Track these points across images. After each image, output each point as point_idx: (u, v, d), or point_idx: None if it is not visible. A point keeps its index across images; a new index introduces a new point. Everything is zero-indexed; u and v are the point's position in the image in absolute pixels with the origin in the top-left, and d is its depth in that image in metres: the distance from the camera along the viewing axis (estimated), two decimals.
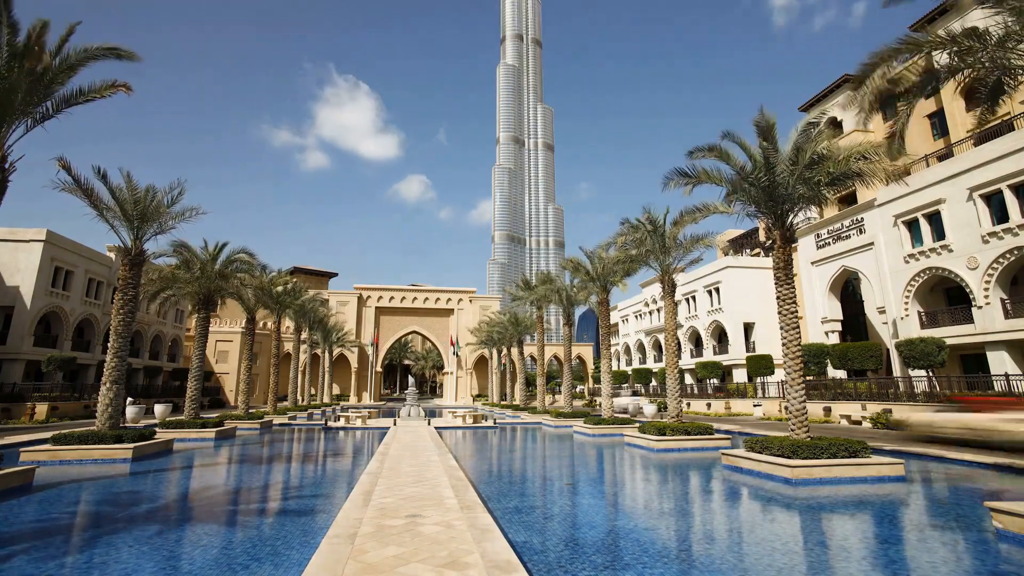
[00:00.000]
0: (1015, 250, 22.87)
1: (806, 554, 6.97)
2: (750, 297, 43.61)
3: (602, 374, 26.90)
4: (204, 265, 23.88)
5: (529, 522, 8.44)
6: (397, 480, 10.32)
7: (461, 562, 5.46)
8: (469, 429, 27.41)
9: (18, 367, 33.59)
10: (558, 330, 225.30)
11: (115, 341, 16.66)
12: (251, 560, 6.37)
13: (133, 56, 13.40)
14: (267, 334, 60.87)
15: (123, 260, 17.54)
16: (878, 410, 24.60)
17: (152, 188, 17.84)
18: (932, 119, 34.63)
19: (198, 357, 23.68)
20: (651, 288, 56.57)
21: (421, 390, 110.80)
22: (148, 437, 16.31)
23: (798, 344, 13.99)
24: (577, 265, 28.67)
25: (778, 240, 14.42)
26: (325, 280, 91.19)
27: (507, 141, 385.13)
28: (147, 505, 9.91)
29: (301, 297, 38.37)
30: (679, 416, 20.49)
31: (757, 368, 36.93)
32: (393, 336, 71.67)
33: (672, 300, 22.43)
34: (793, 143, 13.96)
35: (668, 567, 6.25)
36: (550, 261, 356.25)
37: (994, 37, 9.33)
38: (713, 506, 10.55)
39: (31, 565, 6.17)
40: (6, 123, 11.73)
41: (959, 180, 25.37)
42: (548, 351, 73.67)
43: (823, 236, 35.16)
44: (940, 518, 9.07)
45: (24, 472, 11.11)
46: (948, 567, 6.39)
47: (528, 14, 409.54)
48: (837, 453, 11.94)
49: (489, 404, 53.94)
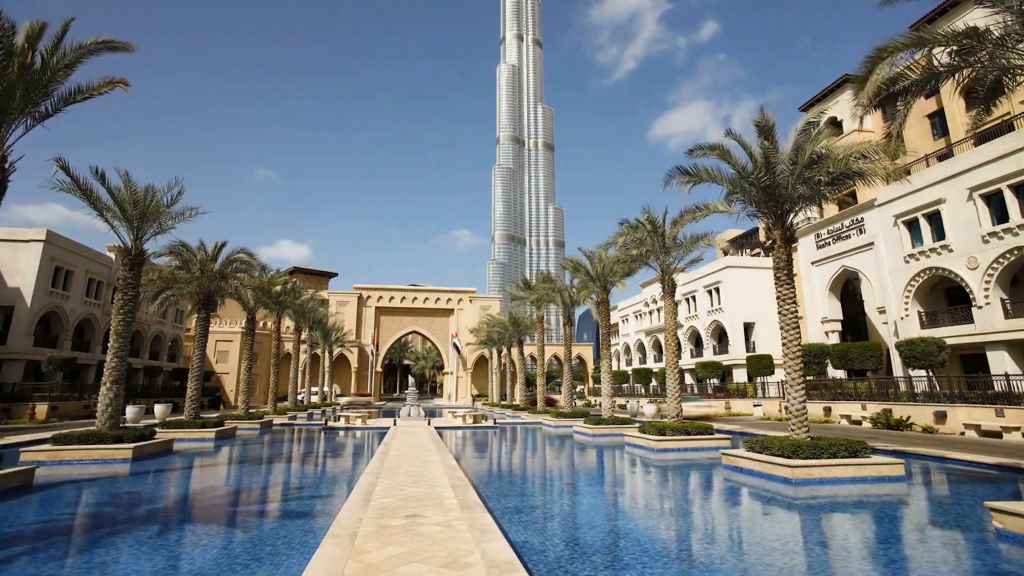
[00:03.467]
0: (1015, 250, 22.86)
1: (806, 554, 6.96)
2: (750, 297, 43.61)
3: (602, 374, 26.89)
4: (204, 265, 23.87)
5: (529, 522, 8.44)
6: (397, 480, 10.32)
7: (461, 562, 5.46)
8: (469, 429, 27.41)
9: (18, 367, 33.58)
10: (558, 330, 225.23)
11: (115, 341, 16.65)
12: (251, 560, 6.37)
13: (128, 46, 13.29)
14: (267, 334, 60.87)
15: (123, 260, 17.53)
16: (878, 410, 24.60)
17: (151, 188, 17.82)
18: (932, 119, 34.62)
19: (198, 357, 23.67)
20: (651, 288, 56.57)
21: (421, 390, 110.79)
22: (148, 437, 16.31)
23: (798, 344, 13.99)
24: (577, 265, 28.66)
25: (778, 240, 14.42)
26: (325, 280, 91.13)
27: (507, 141, 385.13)
28: (147, 505, 9.91)
29: (301, 297, 38.36)
30: (679, 416, 20.49)
31: (757, 368, 36.94)
32: (393, 336, 71.66)
33: (672, 300, 22.42)
34: (793, 142, 13.96)
35: (668, 567, 6.25)
36: (550, 261, 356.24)
37: (994, 36, 9.34)
38: (713, 506, 10.54)
39: (31, 565, 6.17)
40: (5, 123, 11.73)
41: (959, 180, 25.36)
42: (548, 351, 73.65)
43: (823, 236, 35.16)
44: (940, 518, 9.07)
45: (24, 472, 11.11)
46: (948, 567, 6.38)
47: (528, 14, 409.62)
48: (837, 453, 11.94)
49: (489, 404, 53.92)
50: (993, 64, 9.44)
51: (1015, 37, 9.03)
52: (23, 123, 12.24)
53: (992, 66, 9.48)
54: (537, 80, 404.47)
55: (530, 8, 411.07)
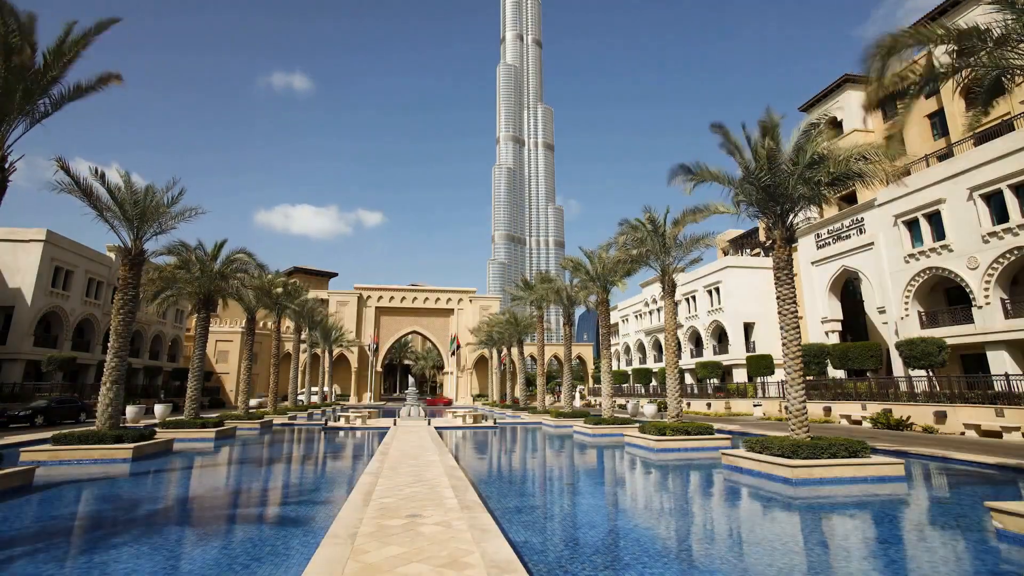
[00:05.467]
0: (1015, 250, 22.86)
1: (806, 554, 6.96)
2: (750, 297, 43.60)
3: (602, 374, 26.88)
4: (204, 265, 23.87)
5: (529, 522, 8.44)
6: (397, 480, 10.32)
7: (461, 562, 5.45)
8: (469, 429, 27.41)
9: (18, 367, 33.59)
10: (558, 330, 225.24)
11: (115, 341, 16.65)
12: (251, 560, 6.36)
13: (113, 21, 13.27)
14: (267, 334, 60.86)
15: (123, 260, 17.53)
16: (878, 410, 24.59)
17: (151, 188, 17.82)
18: (932, 119, 34.61)
19: (198, 357, 23.67)
20: (651, 288, 56.56)
21: (421, 390, 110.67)
22: (148, 437, 16.30)
23: (798, 344, 13.98)
24: (577, 265, 28.65)
25: (778, 240, 14.42)
26: (325, 280, 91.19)
27: (507, 141, 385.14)
28: (147, 505, 9.91)
29: (301, 297, 38.36)
30: (679, 416, 20.49)
31: (757, 368, 36.94)
32: (393, 336, 71.68)
33: (672, 300, 22.42)
34: (794, 143, 13.97)
35: (668, 567, 6.24)
36: (550, 261, 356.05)
37: (994, 35, 9.33)
38: (713, 506, 10.54)
39: (31, 565, 6.16)
40: (5, 123, 11.73)
41: (959, 180, 25.35)
42: (548, 351, 73.63)
43: (823, 236, 35.16)
44: (940, 518, 9.07)
45: (24, 472, 11.11)
46: (948, 567, 6.39)
47: (528, 14, 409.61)
48: (837, 453, 11.94)
49: (489, 404, 53.94)
50: (993, 64, 9.43)
51: (1016, 37, 9.02)
52: (23, 123, 12.25)
53: (992, 66, 9.48)
54: (537, 80, 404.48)
55: (530, 8, 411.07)
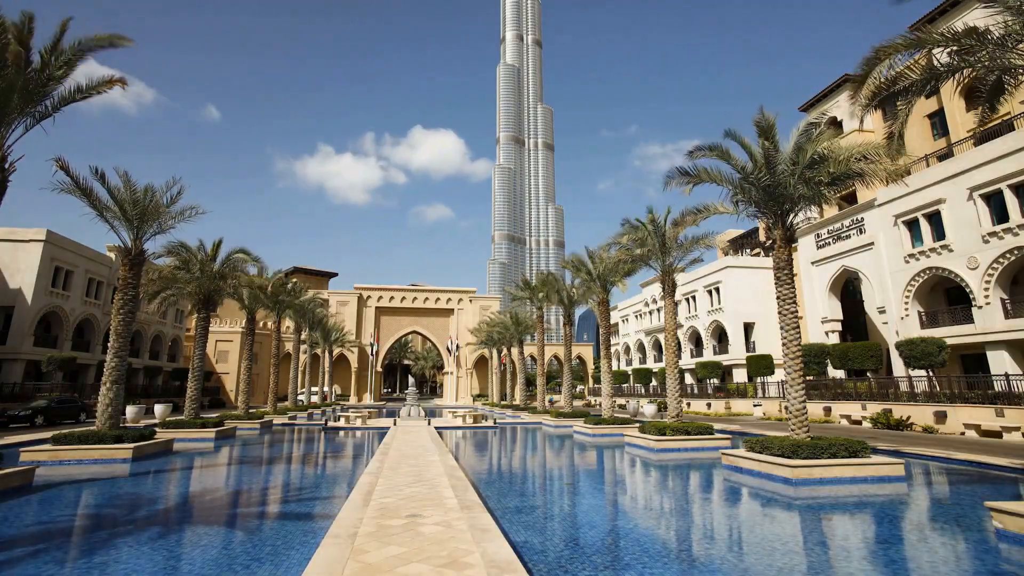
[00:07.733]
0: (1015, 250, 22.86)
1: (806, 554, 6.96)
2: (750, 297, 43.61)
3: (602, 374, 26.89)
4: (203, 264, 23.86)
5: (529, 522, 8.44)
6: (397, 480, 10.32)
7: (461, 562, 5.46)
8: (469, 429, 27.40)
9: (18, 367, 33.58)
10: (558, 330, 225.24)
11: (115, 341, 16.65)
12: (251, 560, 6.37)
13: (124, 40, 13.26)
14: (267, 334, 60.86)
15: (123, 260, 17.53)
16: (878, 410, 24.60)
17: (151, 188, 17.81)
18: (932, 119, 34.61)
19: (198, 357, 23.67)
20: (651, 288, 56.56)
21: (421, 390, 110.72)
22: (148, 437, 16.30)
23: (798, 344, 13.98)
24: (578, 265, 28.65)
25: (778, 240, 14.42)
26: (325, 280, 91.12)
27: (507, 141, 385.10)
28: (147, 505, 9.91)
29: (301, 297, 38.37)
30: (679, 416, 20.49)
31: (757, 368, 36.94)
32: (393, 336, 71.65)
33: (672, 300, 22.42)
34: (794, 143, 13.97)
35: (668, 567, 6.25)
36: (550, 261, 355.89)
37: (994, 36, 9.33)
38: (713, 506, 10.55)
39: (31, 565, 6.17)
40: (5, 123, 11.73)
41: (959, 180, 25.36)
42: (548, 351, 73.62)
43: (823, 236, 35.16)
44: (940, 518, 9.07)
45: (24, 472, 11.11)
46: (948, 567, 6.39)
47: (528, 14, 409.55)
48: (837, 453, 11.94)
49: (489, 404, 53.93)
50: (993, 64, 9.44)
51: (1015, 37, 9.03)
52: (23, 123, 12.25)
53: (992, 66, 9.48)
54: (537, 80, 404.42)
55: (530, 8, 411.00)
